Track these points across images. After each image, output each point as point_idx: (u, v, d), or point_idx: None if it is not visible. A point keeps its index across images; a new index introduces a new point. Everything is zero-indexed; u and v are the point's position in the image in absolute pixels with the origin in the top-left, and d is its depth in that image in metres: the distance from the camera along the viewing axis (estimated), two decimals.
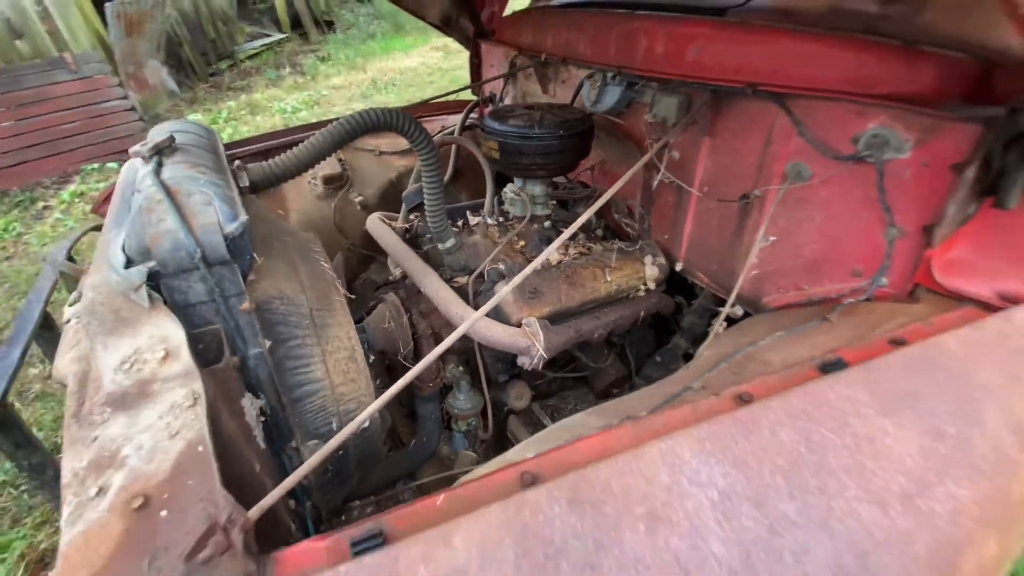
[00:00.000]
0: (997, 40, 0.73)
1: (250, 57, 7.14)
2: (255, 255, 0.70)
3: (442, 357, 1.17)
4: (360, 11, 8.90)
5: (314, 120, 4.62)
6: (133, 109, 4.55)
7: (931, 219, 0.76)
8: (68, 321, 0.78)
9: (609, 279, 1.12)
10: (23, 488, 1.76)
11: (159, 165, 0.66)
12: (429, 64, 6.87)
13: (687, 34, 0.98)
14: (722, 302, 1.08)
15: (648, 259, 1.18)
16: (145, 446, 0.49)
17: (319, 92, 5.78)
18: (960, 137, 0.71)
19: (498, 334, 0.94)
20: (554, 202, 1.32)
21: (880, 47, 0.80)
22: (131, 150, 0.69)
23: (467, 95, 1.84)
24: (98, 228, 1.19)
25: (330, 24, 8.85)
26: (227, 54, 6.77)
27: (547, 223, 1.25)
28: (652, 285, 1.17)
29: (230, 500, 0.44)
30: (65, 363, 0.68)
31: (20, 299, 2.64)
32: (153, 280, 0.58)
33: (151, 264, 0.58)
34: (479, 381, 1.20)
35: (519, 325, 0.98)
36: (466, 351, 1.18)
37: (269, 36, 7.77)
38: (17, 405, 2.06)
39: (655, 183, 1.14)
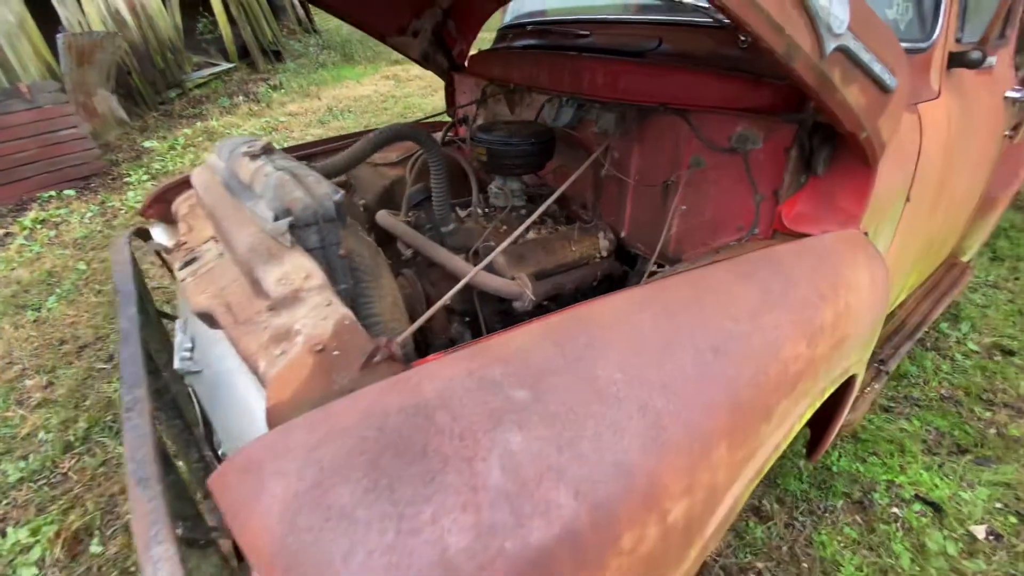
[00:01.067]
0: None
1: (199, 86, 7.20)
2: None
3: (448, 316, 1.49)
4: (309, 41, 9.14)
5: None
6: (87, 138, 4.58)
7: (778, 186, 1.18)
8: (184, 280, 1.05)
9: (574, 249, 1.50)
10: (42, 483, 1.88)
11: (270, 159, 0.96)
12: (382, 92, 7.19)
13: (619, 70, 1.38)
14: (659, 265, 1.48)
15: (600, 235, 1.56)
16: (308, 323, 0.79)
17: (276, 119, 5.96)
18: (787, 132, 1.13)
19: (498, 283, 1.27)
20: (526, 198, 1.69)
21: (741, 79, 1.23)
22: (242, 151, 0.99)
23: (443, 117, 2.20)
24: (142, 233, 1.43)
25: (278, 54, 9.02)
26: (176, 83, 6.82)
27: (523, 211, 1.62)
28: (604, 253, 1.55)
29: (381, 337, 0.75)
30: (205, 300, 0.95)
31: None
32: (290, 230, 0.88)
33: (290, 219, 0.88)
34: (479, 335, 1.52)
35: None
36: (468, 312, 1.51)
37: (217, 65, 7.85)
38: (21, 412, 2.16)
39: (602, 175, 1.54)
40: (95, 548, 1.64)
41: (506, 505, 0.55)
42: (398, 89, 7.43)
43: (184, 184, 1.50)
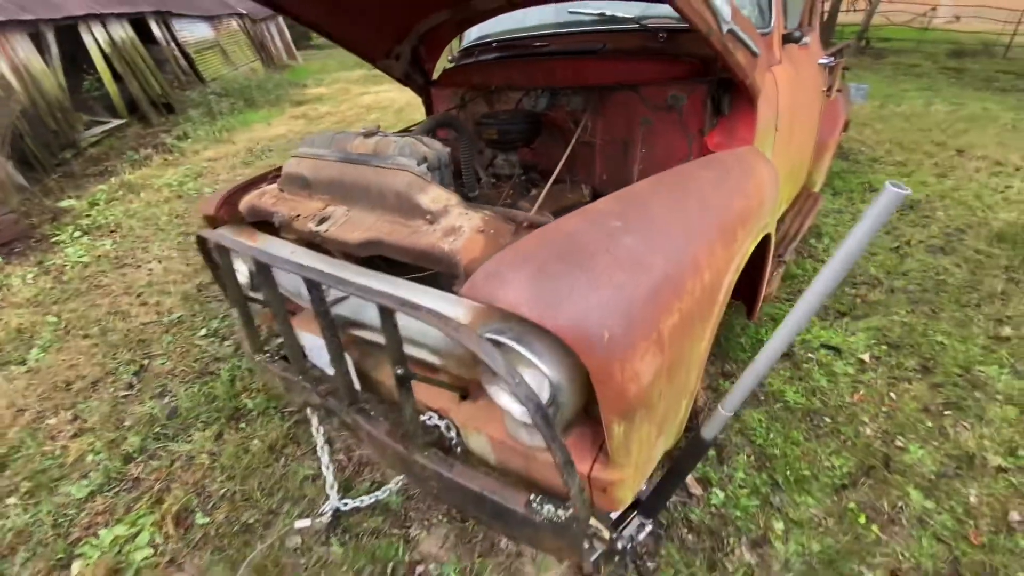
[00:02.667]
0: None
1: (93, 144, 6.87)
2: None
3: None
4: (206, 90, 8.99)
5: (206, 190, 4.88)
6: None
7: (702, 127, 1.80)
8: (327, 231, 1.42)
9: (569, 196, 2.02)
10: (113, 491, 2.00)
11: (383, 134, 1.39)
12: (295, 131, 7.36)
13: (583, 64, 1.95)
14: None
15: (582, 187, 2.11)
16: (464, 220, 1.22)
17: (197, 165, 5.92)
18: (703, 90, 1.76)
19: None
20: (522, 168, 2.20)
21: (668, 60, 1.85)
22: (360, 130, 1.41)
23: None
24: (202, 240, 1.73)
25: (168, 106, 8.78)
26: (70, 143, 6.47)
27: (523, 178, 2.12)
28: (589, 199, 2.10)
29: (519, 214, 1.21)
30: (360, 235, 1.34)
31: None
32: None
33: (426, 163, 1.31)
34: None
35: None
36: None
37: (108, 123, 7.52)
38: (59, 443, 2.21)
39: (573, 142, 2.10)
40: (201, 520, 1.84)
41: (631, 268, 1.04)
42: (311, 126, 7.63)
43: (251, 185, 1.81)
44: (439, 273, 1.30)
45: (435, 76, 2.57)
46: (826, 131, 3.17)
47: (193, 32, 10.75)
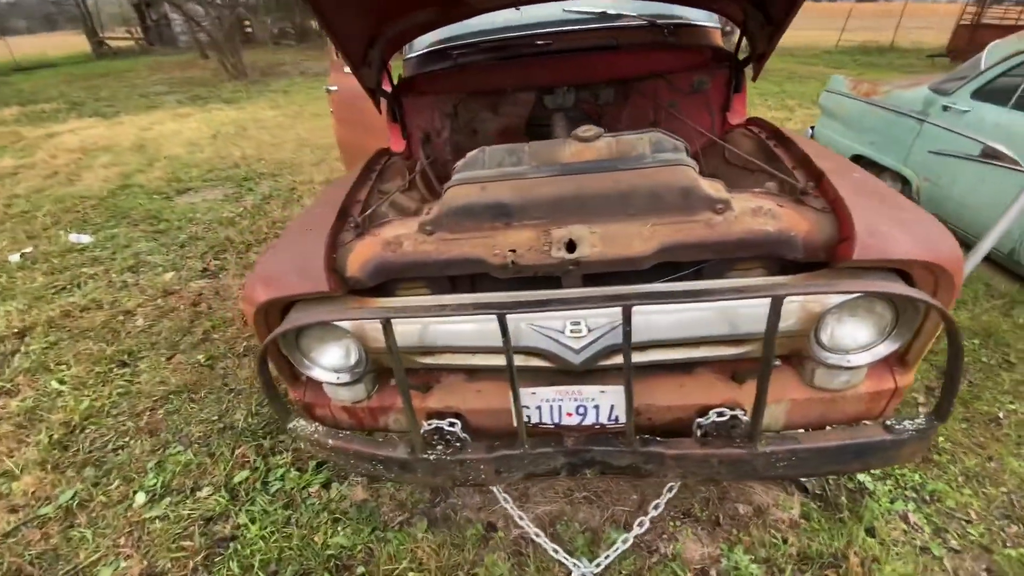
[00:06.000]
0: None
1: None
2: None
3: None
4: None
5: None
6: None
7: (723, 104, 2.12)
8: (594, 259, 1.21)
9: None
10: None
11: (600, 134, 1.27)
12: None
13: (614, 58, 2.03)
14: None
15: None
16: (755, 201, 1.24)
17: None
18: (723, 73, 2.07)
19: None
20: None
21: (688, 50, 2.08)
22: (577, 137, 1.23)
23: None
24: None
25: None
26: None
27: None
28: None
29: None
30: (649, 245, 1.19)
31: None
32: None
33: (683, 153, 1.24)
34: None
35: None
36: None
37: None
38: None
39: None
40: None
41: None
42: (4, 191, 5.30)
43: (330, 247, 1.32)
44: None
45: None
46: None
47: None
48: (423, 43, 2.34)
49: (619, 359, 1.28)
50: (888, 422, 1.24)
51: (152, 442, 2.09)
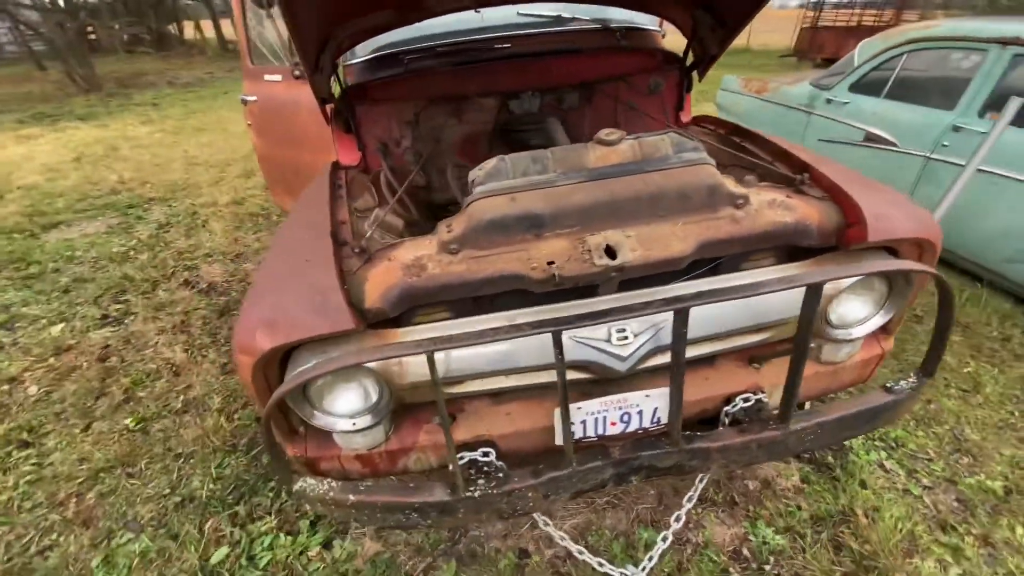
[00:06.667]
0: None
1: None
2: None
3: None
4: None
5: None
6: None
7: (675, 104, 2.22)
8: (633, 256, 1.18)
9: None
10: None
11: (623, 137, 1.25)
12: None
13: (575, 63, 2.04)
14: None
15: None
16: (770, 194, 1.29)
17: None
18: (675, 75, 2.17)
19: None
20: None
21: (641, 52, 2.15)
22: (599, 140, 1.21)
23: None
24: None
25: None
26: None
27: None
28: None
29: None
30: (684, 245, 1.20)
31: None
32: None
33: (703, 153, 1.26)
34: None
35: None
36: None
37: None
38: None
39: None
40: None
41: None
42: None
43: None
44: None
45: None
46: None
47: None
48: (367, 48, 2.17)
49: (654, 361, 1.29)
50: (888, 384, 1.36)
51: (90, 534, 1.71)
